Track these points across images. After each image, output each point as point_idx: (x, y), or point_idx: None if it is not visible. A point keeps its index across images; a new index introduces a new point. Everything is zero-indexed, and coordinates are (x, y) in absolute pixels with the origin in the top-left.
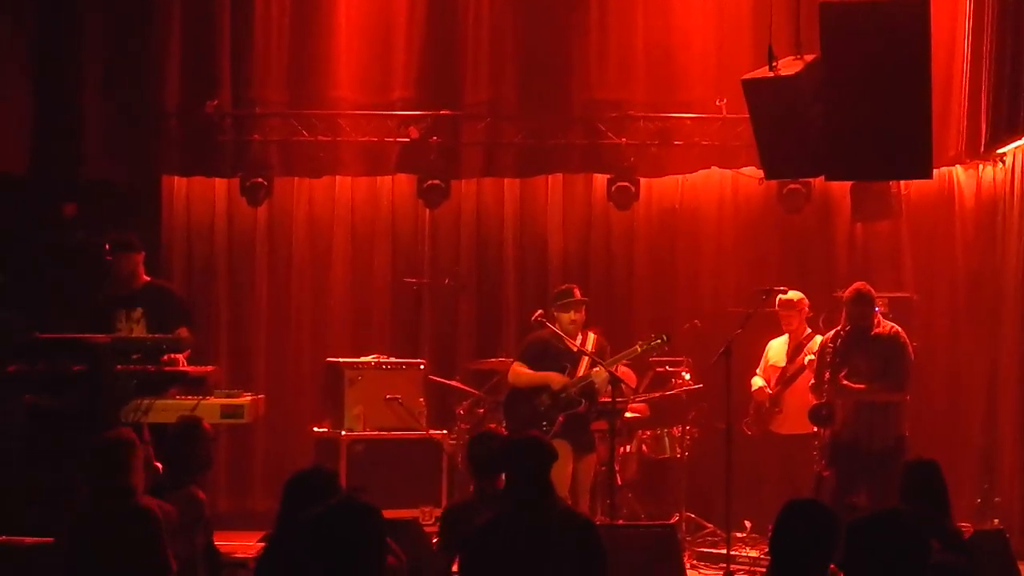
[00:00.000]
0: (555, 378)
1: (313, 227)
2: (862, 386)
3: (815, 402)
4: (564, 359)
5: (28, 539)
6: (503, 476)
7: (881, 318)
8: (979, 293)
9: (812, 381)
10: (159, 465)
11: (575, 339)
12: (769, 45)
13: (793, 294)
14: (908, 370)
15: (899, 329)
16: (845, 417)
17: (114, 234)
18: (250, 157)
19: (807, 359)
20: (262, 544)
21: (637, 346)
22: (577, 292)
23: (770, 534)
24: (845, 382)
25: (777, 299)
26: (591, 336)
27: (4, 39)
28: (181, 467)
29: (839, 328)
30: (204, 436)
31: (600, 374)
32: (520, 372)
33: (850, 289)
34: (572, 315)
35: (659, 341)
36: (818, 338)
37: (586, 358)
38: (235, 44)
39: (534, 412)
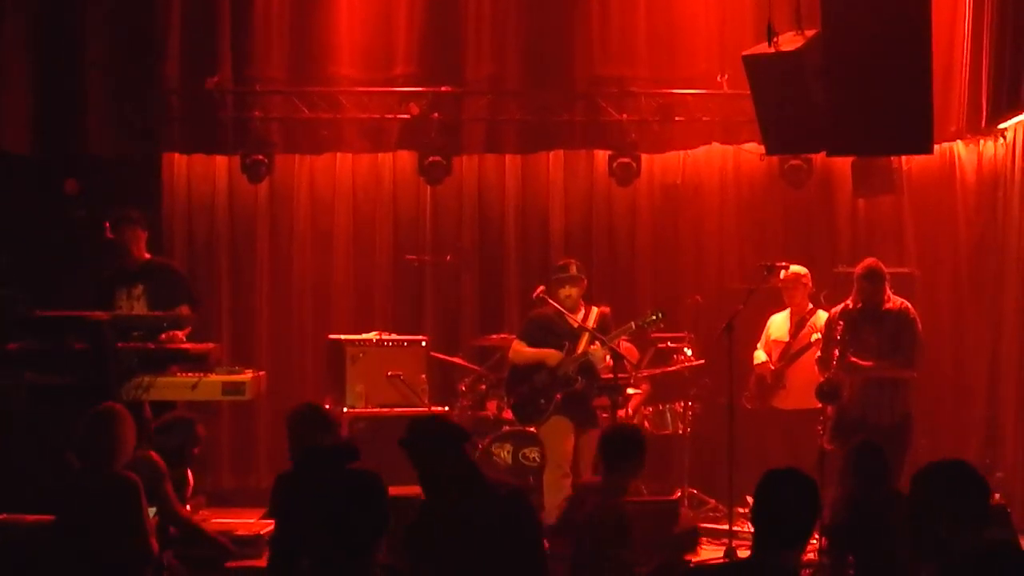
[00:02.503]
0: (551, 355)
1: (314, 204)
2: (871, 363)
3: (821, 378)
4: (564, 336)
5: (29, 517)
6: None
7: (891, 294)
8: (980, 268)
9: (818, 355)
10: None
11: (575, 314)
12: (768, 22)
13: (799, 269)
14: (918, 346)
15: (908, 304)
16: (852, 393)
17: (117, 210)
18: (251, 134)
19: (814, 336)
20: (270, 521)
21: (632, 323)
22: (574, 268)
23: (751, 506)
24: (854, 359)
25: (783, 274)
26: (594, 311)
27: (5, 16)
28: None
29: (847, 303)
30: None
31: (597, 351)
32: (519, 350)
33: (861, 265)
34: (567, 290)
35: (655, 317)
36: (821, 313)
37: (586, 334)
38: (236, 20)
39: (533, 389)
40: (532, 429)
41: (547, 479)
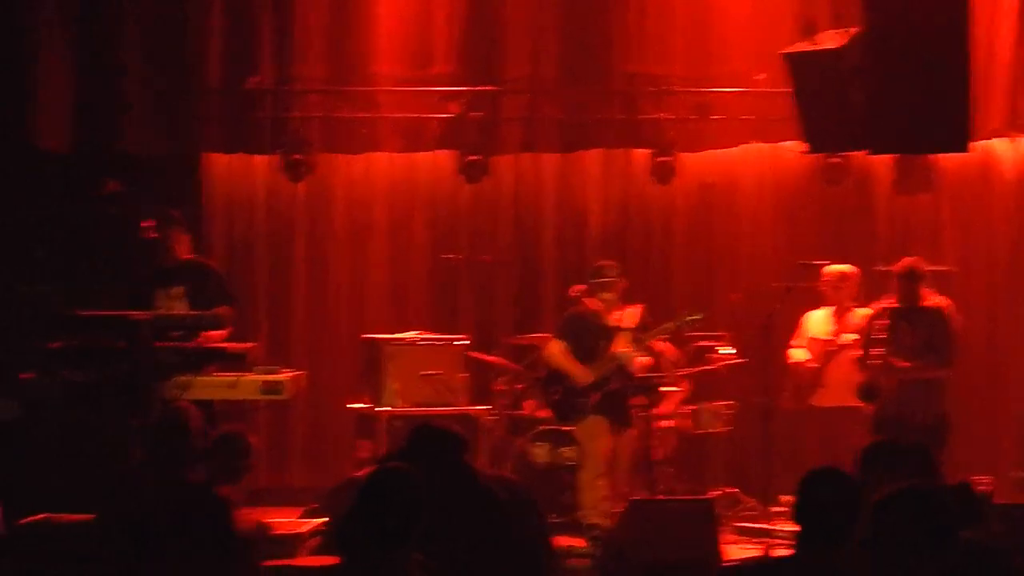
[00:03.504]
0: (582, 375)
1: (353, 203)
2: (908, 364)
3: (861, 376)
4: (600, 336)
5: (68, 516)
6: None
7: (928, 292)
8: (1019, 267)
9: (860, 355)
10: None
11: (611, 315)
12: (809, 19)
13: (845, 267)
14: (953, 345)
15: (944, 303)
16: (890, 393)
17: (159, 210)
18: (290, 133)
19: (845, 337)
20: (306, 520)
21: (672, 323)
22: (613, 270)
23: (793, 505)
24: (893, 360)
25: (834, 272)
26: (632, 311)
27: (45, 16)
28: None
29: (885, 302)
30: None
31: (627, 354)
32: (554, 352)
33: (901, 264)
34: (605, 294)
35: (694, 317)
36: (860, 311)
37: (623, 334)
38: (276, 20)
39: (570, 389)
40: (568, 428)
41: (583, 479)
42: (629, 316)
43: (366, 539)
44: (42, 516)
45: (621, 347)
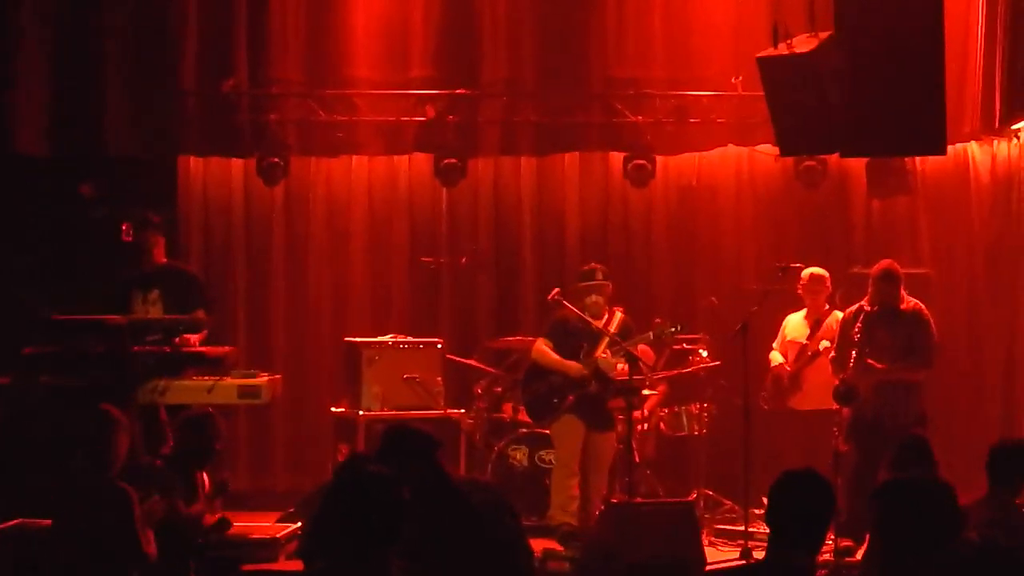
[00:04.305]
0: (574, 368)
1: (330, 207)
2: (886, 366)
3: (835, 378)
4: (583, 338)
5: (45, 521)
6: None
7: (906, 295)
8: (996, 269)
9: (832, 354)
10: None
11: (599, 319)
12: (779, 24)
13: (819, 271)
14: (932, 347)
15: (922, 306)
16: (867, 395)
17: (137, 213)
18: (267, 137)
19: (822, 344)
20: (286, 524)
21: (651, 332)
22: (600, 273)
23: (765, 507)
24: (870, 361)
25: (807, 275)
26: (617, 316)
27: (25, 20)
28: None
29: (861, 304)
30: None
31: (607, 359)
32: (543, 351)
33: (878, 267)
34: (594, 297)
35: (672, 330)
36: (837, 314)
37: (606, 338)
38: (252, 23)
39: (548, 388)
40: (547, 431)
41: (553, 478)
42: (615, 321)
43: (348, 542)
44: (17, 521)
45: (602, 351)
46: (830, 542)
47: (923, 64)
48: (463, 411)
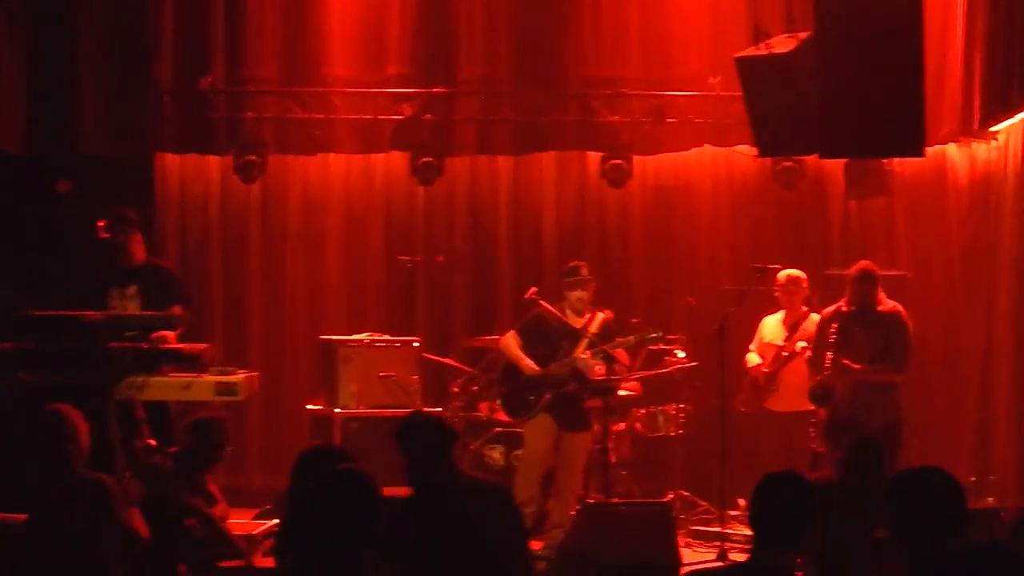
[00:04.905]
0: (526, 366)
1: (307, 205)
2: (862, 366)
3: (812, 379)
4: (560, 337)
5: (21, 516)
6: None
7: (884, 296)
8: (973, 271)
9: (808, 355)
10: (152, 442)
11: (582, 317)
12: (755, 25)
13: (796, 272)
14: (909, 350)
15: (900, 308)
16: (843, 396)
17: (114, 210)
18: (244, 134)
19: (799, 345)
20: (262, 521)
21: (632, 337)
22: (584, 270)
23: (748, 510)
24: (846, 361)
25: (784, 276)
26: (599, 316)
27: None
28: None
29: (839, 305)
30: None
31: (586, 360)
32: (509, 344)
33: (855, 268)
34: (579, 293)
35: (655, 335)
36: (814, 316)
37: (585, 338)
38: (228, 21)
39: (525, 384)
40: (519, 429)
41: (516, 477)
42: (596, 321)
43: (323, 540)
44: None
45: (581, 351)
46: None
47: (902, 66)
48: (439, 410)
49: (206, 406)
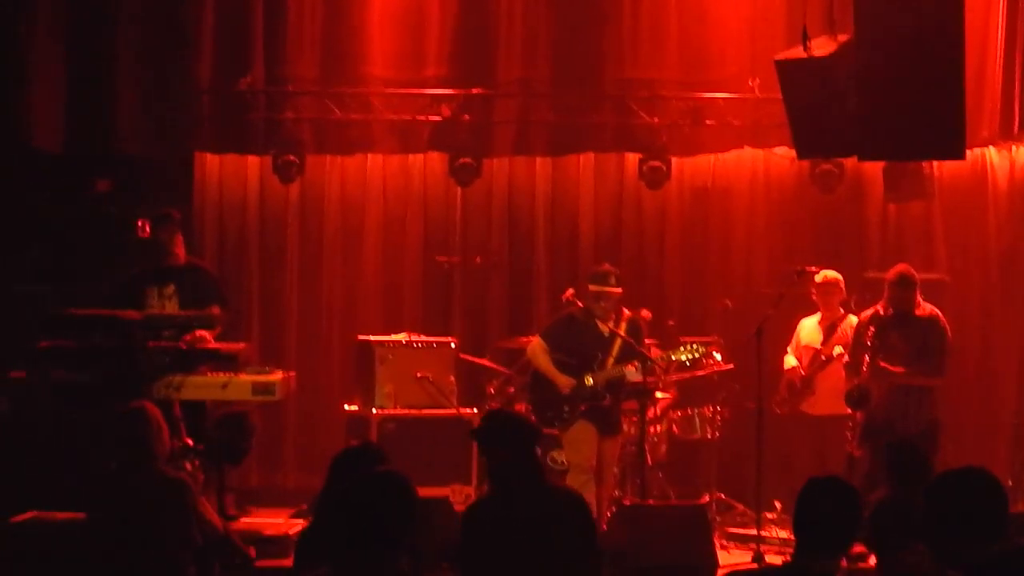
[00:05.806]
0: (564, 384)
1: (345, 205)
2: (900, 369)
3: (849, 382)
4: (594, 343)
5: (60, 514)
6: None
7: (921, 300)
8: (1012, 275)
9: (846, 359)
10: (190, 441)
11: (607, 321)
12: (804, 26)
13: (834, 274)
14: (946, 354)
15: (938, 312)
16: (880, 399)
17: (157, 209)
18: (282, 134)
19: (836, 350)
20: (297, 520)
21: (680, 353)
22: (613, 278)
23: (794, 513)
24: (883, 364)
25: (821, 278)
26: (625, 315)
27: (39, 16)
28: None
29: (876, 309)
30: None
31: (632, 371)
32: (538, 355)
33: (893, 271)
34: (603, 304)
35: (700, 352)
36: (851, 318)
37: (619, 340)
38: (268, 21)
39: (558, 395)
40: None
41: (569, 483)
42: (622, 322)
43: (359, 542)
44: (31, 514)
45: (616, 353)
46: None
47: (943, 68)
48: (475, 410)
49: (242, 405)
